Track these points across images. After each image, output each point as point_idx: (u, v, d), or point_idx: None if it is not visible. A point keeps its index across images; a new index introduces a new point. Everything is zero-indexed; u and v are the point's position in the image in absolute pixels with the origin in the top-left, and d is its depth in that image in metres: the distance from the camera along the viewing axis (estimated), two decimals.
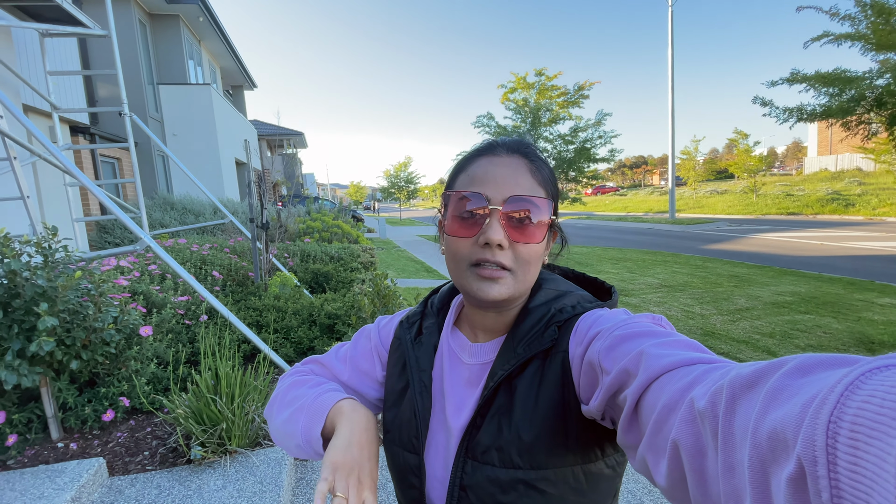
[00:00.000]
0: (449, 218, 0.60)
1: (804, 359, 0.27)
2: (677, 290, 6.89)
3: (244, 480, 2.11)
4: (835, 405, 0.21)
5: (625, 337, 0.47)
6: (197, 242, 5.80)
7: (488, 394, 0.57)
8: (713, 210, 25.51)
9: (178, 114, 10.24)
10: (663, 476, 0.36)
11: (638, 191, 48.48)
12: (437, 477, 0.60)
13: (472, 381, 0.62)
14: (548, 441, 0.54)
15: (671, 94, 21.74)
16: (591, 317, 0.56)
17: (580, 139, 10.82)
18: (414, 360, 0.66)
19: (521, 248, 0.57)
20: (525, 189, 0.57)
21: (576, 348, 0.54)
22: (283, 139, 22.61)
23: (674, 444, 0.34)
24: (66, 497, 1.80)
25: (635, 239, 15.27)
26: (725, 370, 0.34)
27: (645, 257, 10.56)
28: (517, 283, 0.57)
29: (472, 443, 0.57)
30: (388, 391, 0.69)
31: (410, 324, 0.71)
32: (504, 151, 0.60)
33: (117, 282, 2.92)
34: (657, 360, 0.41)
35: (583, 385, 0.52)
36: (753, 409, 0.27)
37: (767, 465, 0.25)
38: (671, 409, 0.36)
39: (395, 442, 0.65)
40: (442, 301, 0.72)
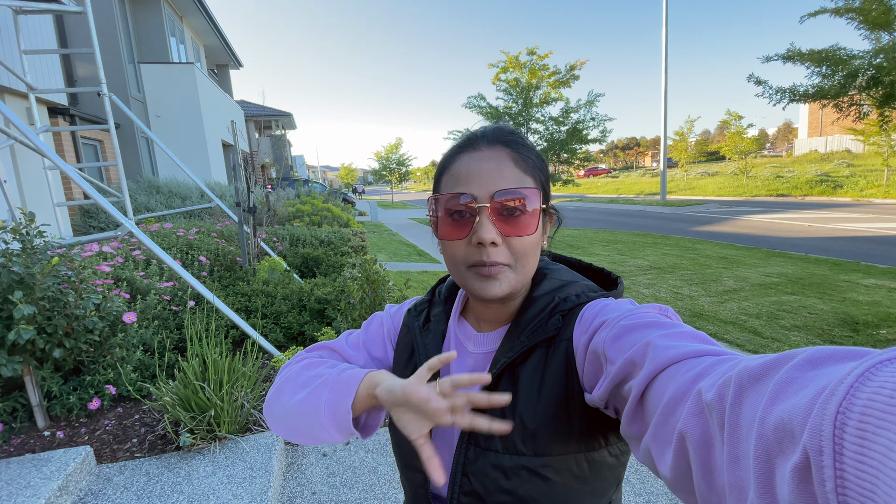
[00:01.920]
0: (440, 221, 0.59)
1: (814, 352, 0.27)
2: (667, 272, 6.95)
3: (234, 466, 2.11)
4: (844, 396, 0.21)
5: (631, 327, 0.47)
6: (183, 227, 5.70)
7: (492, 381, 0.57)
8: (704, 192, 25.63)
9: (162, 94, 9.95)
10: (668, 467, 0.36)
11: (630, 172, 48.51)
12: (442, 462, 0.61)
13: (475, 369, 0.63)
14: (552, 428, 0.54)
15: (664, 74, 21.53)
16: (597, 306, 0.56)
17: (572, 120, 10.72)
18: (422, 346, 0.66)
19: (516, 242, 0.56)
20: (511, 181, 0.56)
21: (580, 337, 0.54)
22: (272, 120, 22.16)
23: (680, 436, 0.34)
24: (52, 486, 1.78)
25: (626, 221, 15.33)
26: (733, 363, 0.34)
27: (635, 239, 10.62)
28: (517, 275, 0.57)
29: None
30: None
31: (418, 312, 0.71)
32: (485, 144, 0.58)
33: (100, 268, 2.86)
34: (664, 352, 0.40)
35: (586, 373, 0.52)
36: (761, 401, 0.27)
37: (773, 455, 0.25)
38: (678, 400, 0.36)
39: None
40: (449, 290, 0.73)
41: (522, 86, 10.63)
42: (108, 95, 4.49)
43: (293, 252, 5.61)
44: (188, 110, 10.27)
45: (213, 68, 16.66)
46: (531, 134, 11.29)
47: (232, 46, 15.43)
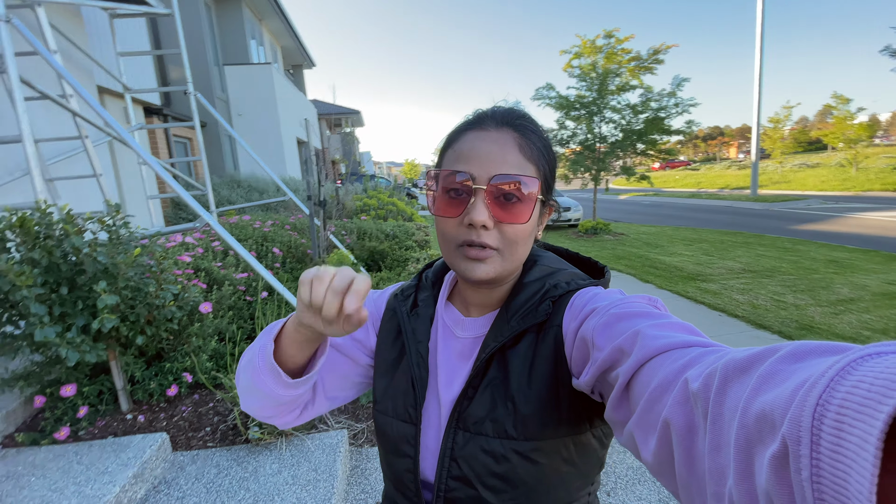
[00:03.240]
0: (436, 197, 0.58)
1: (798, 345, 0.27)
2: (764, 276, 6.16)
3: (299, 466, 2.04)
4: (824, 389, 0.22)
5: (621, 316, 0.47)
6: (260, 219, 5.94)
7: (480, 365, 0.57)
8: (802, 186, 22.89)
9: (243, 94, 10.55)
10: (651, 453, 0.37)
11: (713, 164, 44.67)
12: (429, 447, 0.60)
13: (463, 355, 0.63)
14: (542, 413, 0.54)
15: (759, 54, 19.44)
16: (587, 294, 0.57)
17: (652, 108, 9.85)
18: (410, 331, 0.65)
19: (507, 229, 0.55)
20: (512, 166, 0.55)
21: (570, 323, 0.54)
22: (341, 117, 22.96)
23: (665, 423, 0.35)
24: (128, 474, 1.81)
25: (711, 218, 14.03)
26: (720, 354, 0.34)
27: (723, 238, 9.62)
28: (504, 262, 0.57)
29: (464, 414, 0.57)
30: (380, 361, 0.69)
31: (405, 296, 0.70)
32: (493, 125, 0.57)
33: (181, 258, 2.95)
34: (652, 341, 0.41)
35: (574, 359, 0.53)
36: (744, 391, 0.27)
37: (753, 444, 0.25)
38: (664, 389, 0.37)
39: (388, 412, 0.64)
40: (436, 275, 0.72)
41: (598, 72, 9.94)
42: (193, 94, 4.72)
43: (360, 245, 5.65)
44: (266, 109, 10.81)
45: (289, 68, 17.50)
46: (605, 123, 10.55)
47: (306, 47, 16.09)
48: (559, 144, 11.04)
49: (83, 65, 4.12)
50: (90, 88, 4.20)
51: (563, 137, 10.89)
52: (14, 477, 1.80)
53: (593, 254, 8.05)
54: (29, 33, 2.32)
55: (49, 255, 1.86)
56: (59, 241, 1.93)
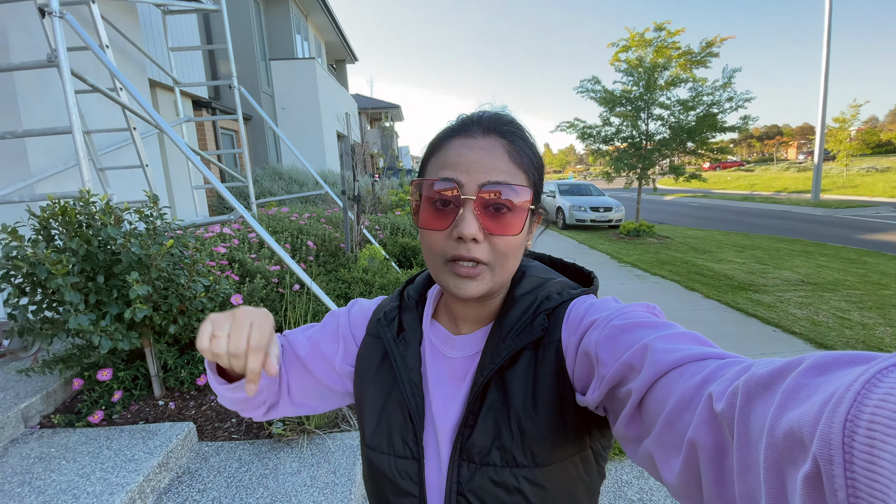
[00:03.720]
0: (421, 208, 0.55)
1: (820, 357, 0.26)
2: (826, 290, 5.67)
3: (318, 467, 2.01)
4: (851, 403, 0.21)
5: (623, 328, 0.46)
6: (297, 212, 6.04)
7: (479, 390, 0.54)
8: (870, 191, 21.08)
9: (286, 88, 10.81)
10: (674, 474, 0.35)
11: (769, 166, 42.00)
12: (432, 483, 0.56)
13: (456, 376, 0.59)
14: (551, 435, 0.51)
15: (826, 46, 18.01)
16: (583, 305, 0.54)
17: (704, 104, 9.27)
18: (400, 359, 0.61)
19: (499, 241, 0.52)
20: (503, 174, 0.52)
21: (569, 337, 0.52)
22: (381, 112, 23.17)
23: (691, 444, 0.33)
24: (153, 463, 1.83)
25: (766, 223, 13.16)
26: (741, 367, 0.33)
27: (779, 245, 8.97)
28: (495, 276, 0.54)
29: (466, 444, 0.54)
30: (363, 392, 0.64)
31: (389, 320, 0.64)
32: (479, 131, 0.54)
33: (216, 249, 3.00)
34: (664, 356, 0.39)
35: (577, 375, 0.50)
36: (770, 409, 0.27)
37: (783, 464, 0.24)
38: (684, 407, 0.35)
39: (383, 449, 0.59)
40: (419, 292, 0.67)
41: (646, 66, 9.46)
42: (237, 88, 4.83)
43: (393, 241, 5.63)
44: (308, 102, 11.03)
45: (332, 63, 17.80)
46: (653, 121, 10.04)
47: (349, 42, 16.30)
48: (603, 142, 10.63)
49: (137, 59, 4.28)
50: (142, 82, 4.37)
51: (608, 134, 10.46)
52: (46, 459, 1.86)
53: (635, 258, 7.69)
54: (81, 28, 2.40)
55: (87, 244, 1.90)
56: (98, 230, 1.97)
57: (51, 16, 2.18)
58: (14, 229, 1.82)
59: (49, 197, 1.87)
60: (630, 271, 6.83)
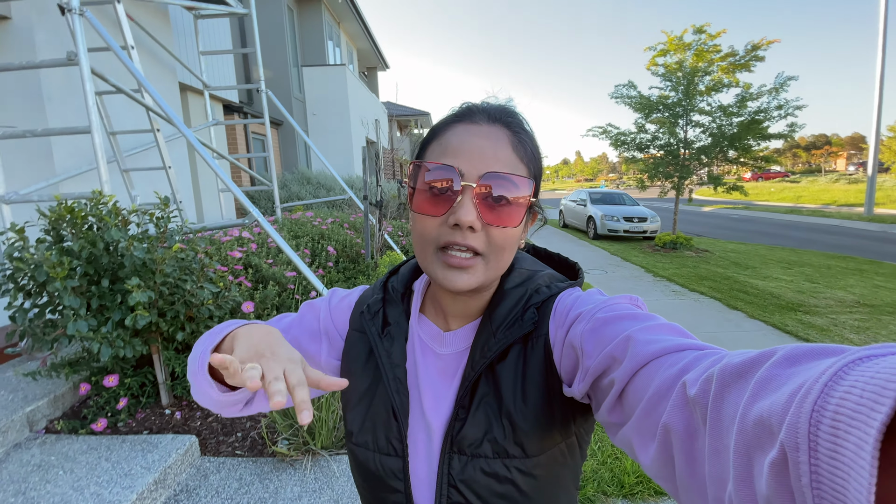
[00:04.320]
0: (417, 192, 0.52)
1: (792, 349, 0.27)
2: (885, 313, 5.16)
3: (320, 493, 1.87)
4: (819, 395, 0.22)
5: (607, 320, 0.47)
6: (321, 216, 6.02)
7: (470, 384, 0.54)
8: None
9: (318, 94, 10.93)
10: (650, 457, 0.36)
11: (816, 177, 39.80)
12: (421, 477, 0.56)
13: (446, 372, 0.58)
14: (540, 426, 0.52)
15: (881, 51, 16.91)
16: (569, 298, 0.55)
17: (749, 110, 8.74)
18: (385, 355, 0.59)
19: (496, 232, 0.51)
20: (505, 165, 0.50)
21: (556, 331, 0.53)
22: (410, 119, 23.30)
23: (664, 428, 0.34)
24: (148, 480, 1.73)
25: (814, 238, 12.35)
26: (716, 357, 0.34)
27: (830, 262, 8.33)
28: (488, 270, 0.52)
29: (458, 437, 0.54)
30: (349, 389, 0.62)
31: (372, 314, 0.62)
32: (484, 119, 0.52)
33: (231, 254, 2.94)
34: (645, 347, 0.40)
35: (564, 367, 0.51)
36: (742, 398, 0.27)
37: (752, 450, 0.25)
38: (662, 395, 0.36)
39: (368, 446, 0.58)
40: (403, 284, 0.64)
41: (685, 70, 9.04)
42: (265, 92, 4.83)
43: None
44: (338, 109, 11.12)
45: (364, 71, 18.02)
46: (692, 127, 9.57)
47: (381, 49, 16.45)
48: (637, 149, 10.21)
49: (167, 62, 4.34)
50: (172, 85, 4.43)
51: (643, 142, 10.04)
52: (45, 468, 1.80)
53: (671, 272, 7.28)
54: (101, 27, 2.38)
55: (91, 247, 1.83)
56: (104, 233, 1.91)
57: (70, 13, 2.16)
58: (21, 228, 1.77)
59: (56, 197, 1.82)
60: (666, 286, 6.45)
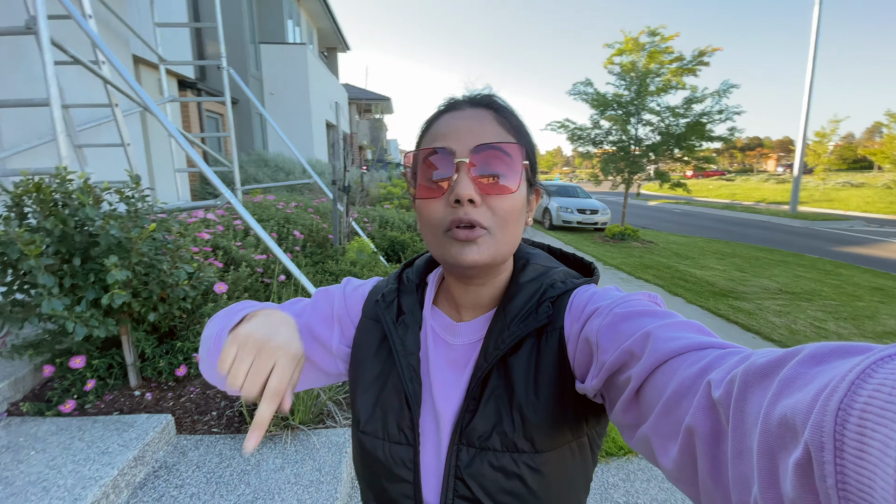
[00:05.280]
0: (417, 183, 0.54)
1: (818, 347, 0.27)
2: (803, 299, 5.81)
3: (302, 464, 1.95)
4: (845, 393, 0.21)
5: (626, 315, 0.46)
6: (284, 200, 5.91)
7: (482, 375, 0.54)
8: (845, 206, 21.79)
9: (276, 73, 10.55)
10: (672, 460, 0.35)
11: (749, 176, 43.01)
12: (429, 468, 0.56)
13: (457, 363, 0.58)
14: (551, 422, 0.52)
15: (811, 63, 18.48)
16: (586, 293, 0.55)
17: (694, 112, 9.40)
18: (399, 343, 0.59)
19: (497, 202, 0.51)
20: (492, 137, 0.51)
21: (572, 325, 0.52)
22: (371, 103, 22.90)
23: (688, 430, 0.33)
24: (128, 456, 1.74)
25: (746, 232, 13.47)
26: (741, 356, 0.33)
27: (758, 254, 9.18)
28: (497, 243, 0.52)
29: (467, 428, 0.54)
30: (359, 376, 0.62)
31: (388, 303, 0.63)
32: (467, 105, 0.55)
33: (200, 235, 2.89)
34: (665, 343, 0.39)
35: (577, 362, 0.51)
36: (766, 397, 0.27)
37: (776, 451, 0.25)
38: (683, 394, 0.35)
39: (378, 434, 0.58)
40: (418, 276, 0.66)
41: (639, 71, 9.53)
42: (226, 69, 4.67)
43: (381, 234, 5.56)
44: (298, 89, 10.80)
45: (324, 51, 17.48)
46: (643, 126, 10.14)
47: (342, 29, 16.02)
48: (592, 144, 10.69)
49: (121, 33, 4.09)
50: (125, 57, 4.18)
51: (597, 137, 10.54)
52: (14, 448, 1.76)
53: (619, 261, 7.77)
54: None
55: (63, 225, 1.79)
56: (75, 210, 1.86)
57: None
58: None
59: (23, 172, 1.76)
60: (615, 274, 6.90)
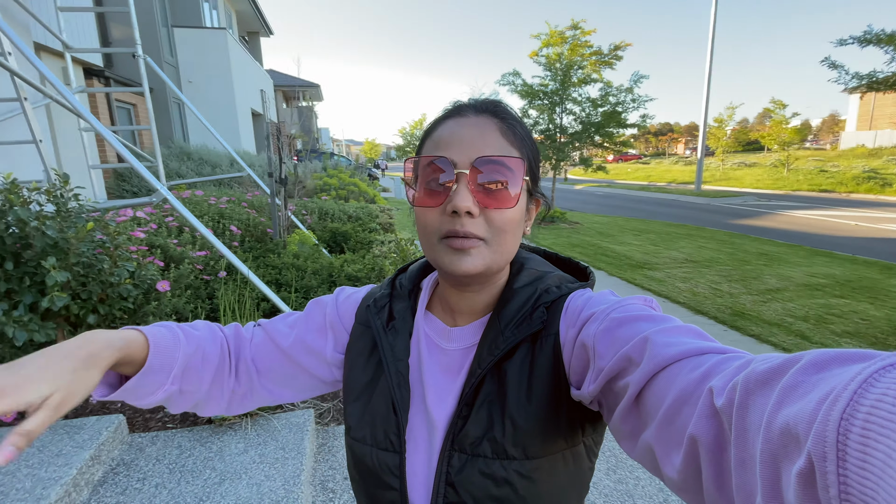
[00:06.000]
0: (417, 188, 0.54)
1: (819, 354, 0.26)
2: (703, 266, 6.65)
3: (266, 445, 2.05)
4: (847, 402, 0.21)
5: (622, 321, 0.46)
6: (214, 195, 5.68)
7: (476, 381, 0.53)
8: (740, 183, 24.57)
9: (194, 59, 9.88)
10: (675, 469, 0.35)
11: (662, 159, 46.89)
12: (419, 475, 0.56)
13: (451, 368, 0.58)
14: (544, 429, 0.51)
15: (710, 55, 20.46)
16: (581, 298, 0.54)
17: (611, 102, 10.21)
18: (388, 348, 0.60)
19: (495, 215, 0.51)
20: (495, 149, 0.51)
21: (567, 330, 0.52)
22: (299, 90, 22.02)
23: (692, 439, 0.33)
24: (85, 455, 1.75)
25: (659, 210, 14.83)
26: (741, 363, 0.33)
27: (669, 230, 10.23)
28: (493, 253, 0.52)
29: (460, 435, 0.53)
30: (350, 382, 0.63)
31: (379, 308, 0.63)
32: (472, 112, 0.54)
33: (134, 234, 2.81)
34: (664, 349, 0.39)
35: (573, 368, 0.51)
36: (767, 405, 0.27)
37: (779, 460, 0.25)
38: (684, 401, 0.35)
39: (366, 440, 0.58)
40: (412, 281, 0.66)
41: (563, 63, 10.14)
42: (143, 57, 4.41)
43: (321, 226, 5.55)
44: (219, 77, 10.21)
45: (244, 35, 16.52)
46: (566, 115, 10.82)
47: (263, 12, 15.23)
48: None
49: (19, 18, 3.72)
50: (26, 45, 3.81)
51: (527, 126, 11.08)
52: None
53: (549, 241, 8.33)
54: None
55: None
56: (2, 212, 1.80)
57: None
58: None
59: None
60: None
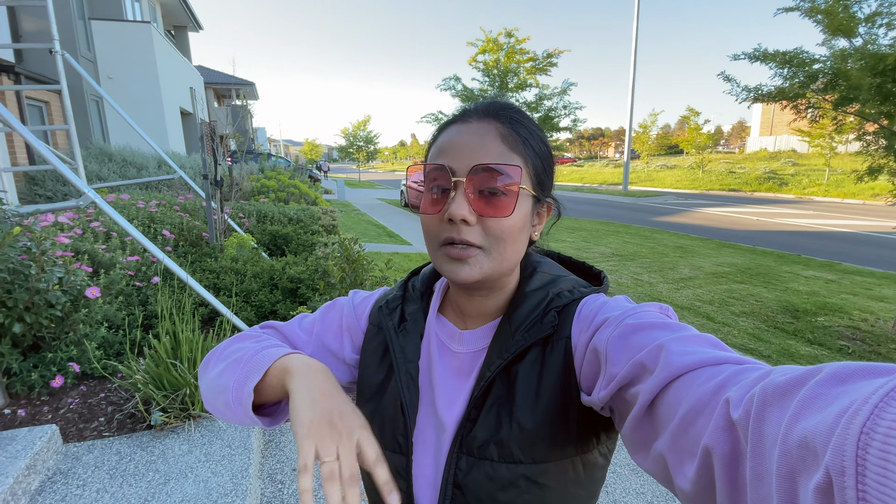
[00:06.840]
0: (419, 194, 0.56)
1: (840, 367, 0.26)
2: (628, 260, 7.27)
3: (211, 444, 2.09)
4: (868, 416, 0.21)
5: (637, 327, 0.45)
6: (142, 199, 5.41)
7: (485, 384, 0.54)
8: (662, 184, 26.64)
9: (114, 54, 9.22)
10: (689, 480, 0.34)
11: (594, 162, 49.64)
12: (426, 477, 0.56)
13: (462, 371, 0.58)
14: (551, 433, 0.51)
15: (633, 65, 22.03)
16: (595, 302, 0.54)
17: (545, 108, 10.81)
18: (399, 350, 0.60)
19: (492, 223, 0.51)
20: (493, 156, 0.51)
21: (580, 335, 0.52)
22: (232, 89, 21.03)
23: (706, 451, 0.32)
24: (20, 465, 1.71)
25: (590, 209, 15.79)
26: (759, 374, 0.33)
27: (599, 227, 10.99)
28: (491, 262, 0.52)
29: (468, 437, 0.54)
30: (364, 383, 0.64)
31: (391, 309, 0.64)
32: (474, 117, 0.55)
33: (58, 239, 2.69)
34: (679, 358, 0.38)
35: (584, 373, 0.50)
36: (784, 417, 0.27)
37: (796, 474, 0.24)
38: (699, 411, 0.35)
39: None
40: (424, 284, 0.67)
41: (500, 69, 10.58)
42: (60, 53, 4.14)
43: (260, 229, 5.46)
44: (143, 73, 9.59)
45: (171, 29, 15.56)
46: None
47: (191, 6, 14.45)
48: None
49: None
50: None
51: None
52: None
53: None
54: None
55: None
56: None
57: None
58: None
59: None
60: None
